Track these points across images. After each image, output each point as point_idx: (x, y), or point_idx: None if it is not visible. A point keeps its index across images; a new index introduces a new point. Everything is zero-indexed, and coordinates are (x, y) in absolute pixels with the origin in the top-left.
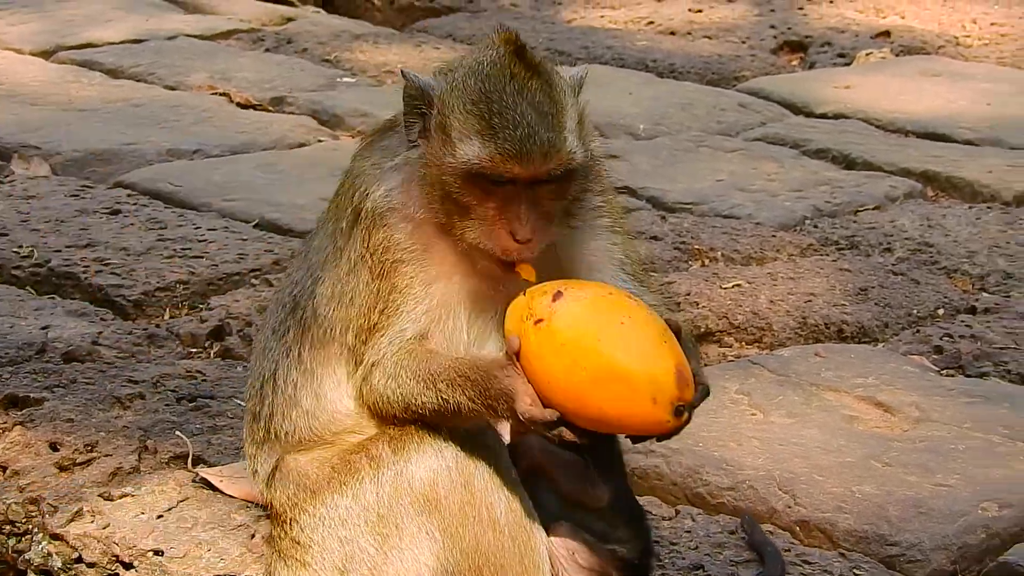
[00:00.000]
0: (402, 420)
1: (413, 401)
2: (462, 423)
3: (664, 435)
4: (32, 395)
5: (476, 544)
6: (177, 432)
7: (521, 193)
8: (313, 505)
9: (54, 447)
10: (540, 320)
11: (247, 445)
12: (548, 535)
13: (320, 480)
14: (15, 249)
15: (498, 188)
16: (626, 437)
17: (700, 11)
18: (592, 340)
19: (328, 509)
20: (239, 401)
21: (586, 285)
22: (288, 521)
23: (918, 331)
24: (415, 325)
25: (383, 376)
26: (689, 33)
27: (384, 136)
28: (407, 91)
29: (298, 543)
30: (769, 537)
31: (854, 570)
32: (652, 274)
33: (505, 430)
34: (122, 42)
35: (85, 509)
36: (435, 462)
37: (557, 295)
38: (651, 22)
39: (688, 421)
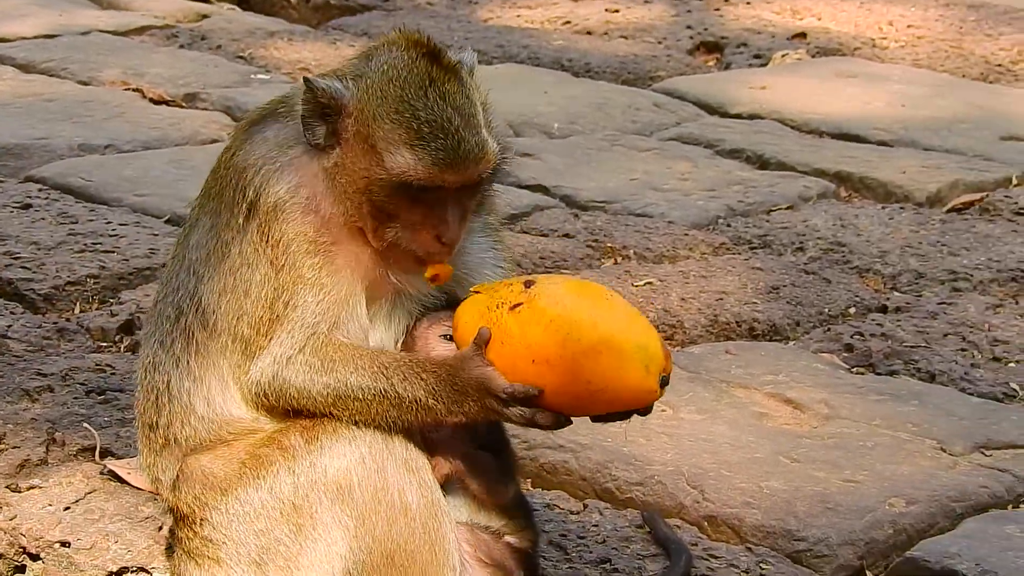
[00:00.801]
0: (312, 414)
1: (351, 394)
2: (399, 419)
3: (646, 408)
4: None
5: (388, 531)
6: (85, 424)
7: (447, 198)
8: (225, 502)
9: None
10: (518, 304)
11: (144, 455)
12: None
13: (229, 477)
14: None
15: (424, 195)
16: (594, 420)
17: (616, 11)
18: (585, 313)
19: (242, 504)
20: None
21: (548, 276)
22: (198, 521)
23: (829, 329)
24: (326, 316)
25: (306, 370)
26: (605, 33)
27: (264, 125)
28: (311, 96)
29: (210, 541)
30: (675, 531)
31: (761, 564)
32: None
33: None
34: (35, 37)
35: None
36: (349, 450)
37: (529, 283)
38: (567, 22)
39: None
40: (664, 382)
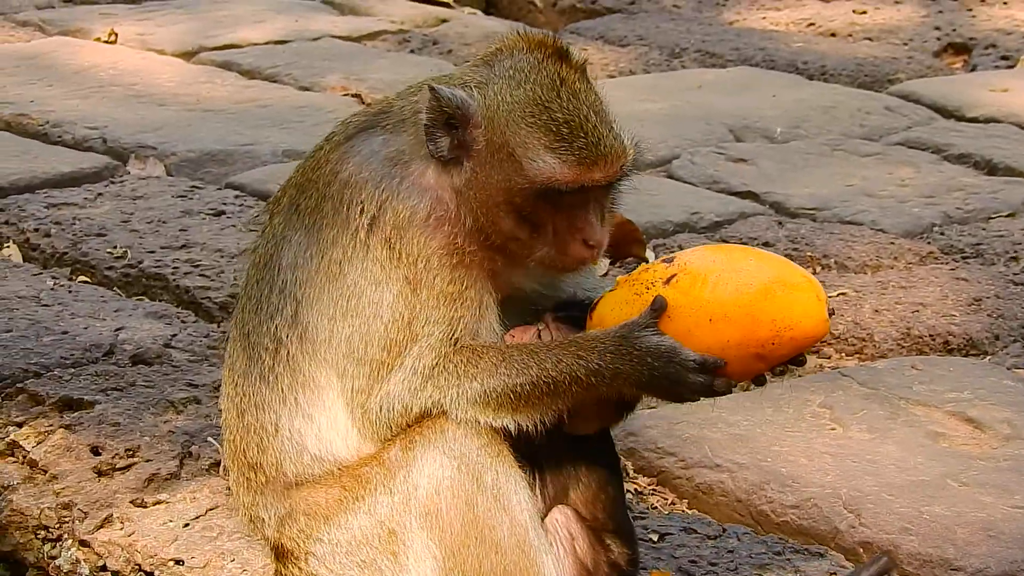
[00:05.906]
0: None
1: (504, 391)
2: (550, 407)
3: (819, 340)
4: (86, 398)
5: (478, 567)
6: (209, 438)
7: (590, 199)
8: (328, 531)
9: (95, 451)
10: (672, 277)
11: (240, 495)
12: (553, 513)
13: (330, 504)
14: (109, 250)
15: (567, 198)
16: (770, 372)
17: (864, 12)
18: (743, 262)
19: (343, 532)
20: None
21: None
22: (303, 556)
23: None
24: (465, 327)
25: (450, 377)
26: (850, 35)
27: (368, 138)
28: (435, 106)
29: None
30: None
31: None
32: None
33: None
34: (266, 43)
35: (115, 515)
36: (439, 470)
37: (668, 260)
38: (812, 23)
39: None
40: (831, 312)
